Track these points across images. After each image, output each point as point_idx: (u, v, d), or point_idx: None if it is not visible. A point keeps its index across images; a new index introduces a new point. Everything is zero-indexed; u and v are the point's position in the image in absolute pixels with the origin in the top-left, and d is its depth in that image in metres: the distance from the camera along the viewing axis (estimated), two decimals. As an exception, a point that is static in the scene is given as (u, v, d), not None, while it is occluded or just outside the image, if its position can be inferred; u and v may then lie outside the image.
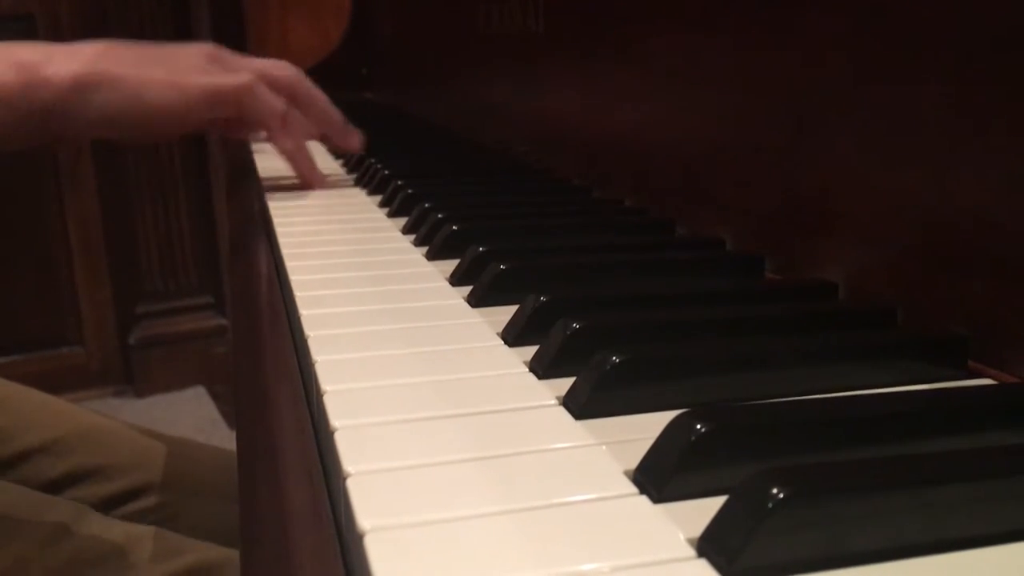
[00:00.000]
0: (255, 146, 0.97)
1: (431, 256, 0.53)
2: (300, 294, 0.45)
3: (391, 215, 0.66)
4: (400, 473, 0.27)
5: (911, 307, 0.39)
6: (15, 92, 0.61)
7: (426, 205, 0.60)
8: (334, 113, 0.79)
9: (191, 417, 2.08)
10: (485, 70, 0.97)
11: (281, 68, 0.75)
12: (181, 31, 2.12)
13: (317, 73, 0.82)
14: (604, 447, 0.28)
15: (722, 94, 0.53)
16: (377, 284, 0.47)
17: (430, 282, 0.48)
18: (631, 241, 0.56)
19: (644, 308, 0.41)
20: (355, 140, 0.81)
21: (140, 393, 2.19)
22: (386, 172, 0.74)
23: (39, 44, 0.64)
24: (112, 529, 0.66)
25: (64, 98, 0.62)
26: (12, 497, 0.65)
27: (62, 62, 0.62)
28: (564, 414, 0.31)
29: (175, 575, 0.64)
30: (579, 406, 0.31)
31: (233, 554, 0.68)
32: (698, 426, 0.26)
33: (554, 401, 0.32)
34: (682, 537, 0.23)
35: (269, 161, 0.87)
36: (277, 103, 0.72)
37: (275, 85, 0.72)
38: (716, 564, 0.22)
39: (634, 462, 0.27)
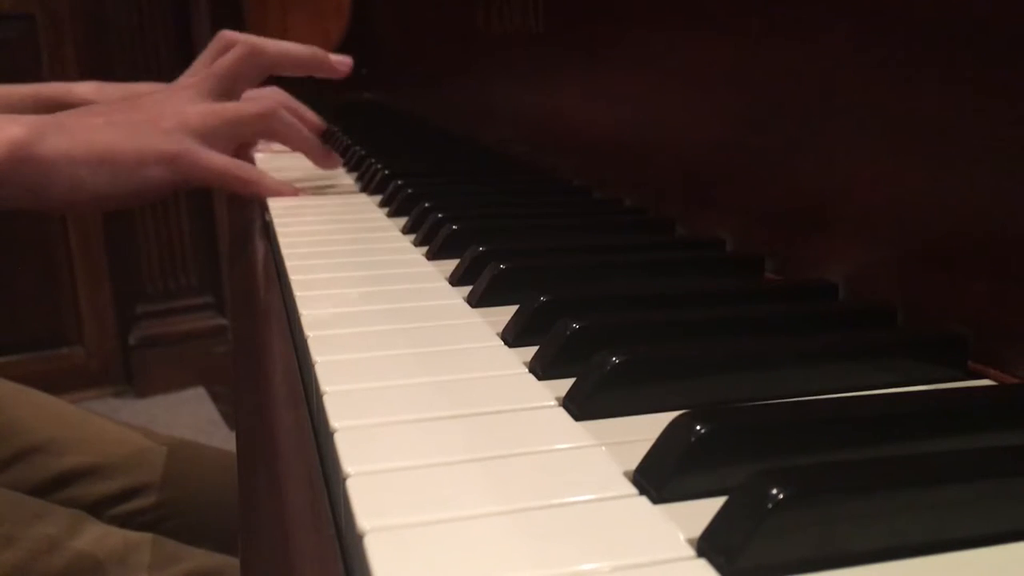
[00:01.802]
0: (255, 147, 0.97)
1: (431, 256, 0.53)
2: (300, 294, 0.45)
3: (391, 215, 0.66)
4: (400, 473, 0.27)
5: (911, 307, 0.39)
6: (3, 169, 0.59)
7: (426, 205, 0.60)
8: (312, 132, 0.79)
9: (191, 417, 2.08)
10: (485, 70, 0.97)
11: (265, 101, 0.74)
12: (181, 31, 2.12)
13: (317, 73, 0.82)
14: (604, 448, 0.28)
15: (722, 94, 0.53)
16: (377, 284, 0.47)
17: (430, 282, 0.48)
18: (631, 241, 0.56)
19: (644, 308, 0.41)
20: (333, 161, 0.80)
21: (140, 393, 2.19)
22: (386, 172, 0.74)
23: (24, 119, 0.61)
24: (110, 536, 0.66)
25: (49, 175, 0.60)
26: (9, 504, 0.65)
27: (54, 141, 0.60)
28: (564, 415, 0.31)
29: None
30: (579, 407, 0.31)
31: (231, 561, 0.68)
32: (698, 427, 0.26)
33: (554, 402, 0.32)
34: (682, 537, 0.23)
35: (269, 161, 0.87)
36: (255, 174, 0.70)
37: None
38: (716, 564, 0.22)
39: (634, 463, 0.27)
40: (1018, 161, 0.34)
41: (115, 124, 0.64)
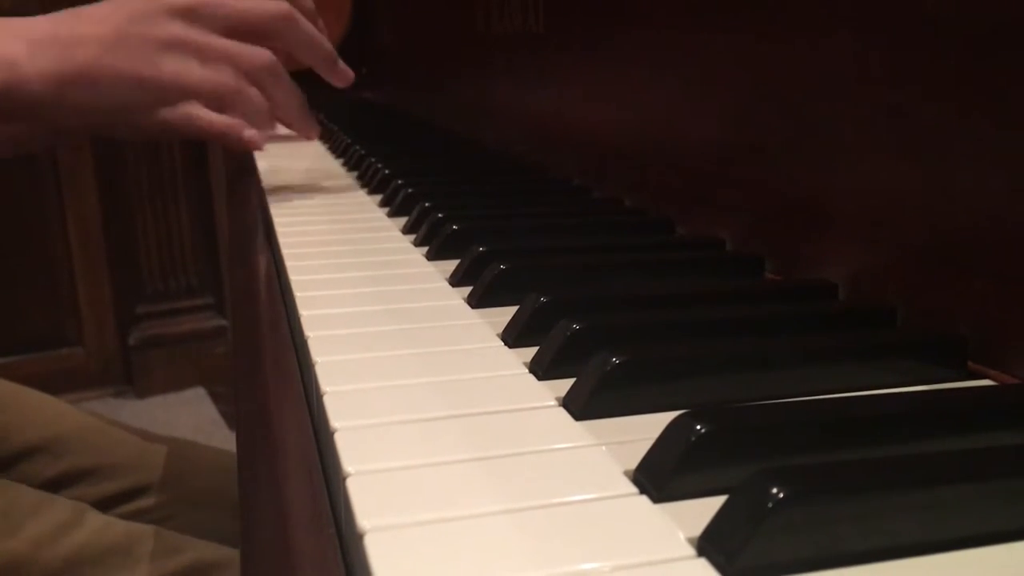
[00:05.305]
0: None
1: (431, 256, 0.53)
2: (300, 294, 0.45)
3: (391, 215, 0.66)
4: (400, 473, 0.27)
5: (911, 307, 0.39)
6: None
7: (426, 205, 0.60)
8: (323, 45, 0.75)
9: (191, 418, 2.08)
10: (485, 70, 0.97)
11: (259, 15, 0.69)
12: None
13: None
14: (604, 447, 0.28)
15: (722, 94, 0.53)
16: (377, 284, 0.47)
17: (430, 282, 0.48)
18: (631, 241, 0.56)
19: (644, 308, 0.41)
20: (346, 76, 0.77)
21: (140, 394, 2.19)
22: (386, 172, 0.74)
23: (21, 30, 0.60)
24: (112, 527, 0.66)
25: (42, 98, 0.60)
26: (11, 495, 0.65)
27: (45, 60, 0.59)
28: (564, 415, 0.31)
29: (175, 574, 0.64)
30: (579, 407, 0.31)
31: (233, 553, 0.68)
32: (698, 426, 0.26)
33: (554, 402, 0.32)
34: (682, 537, 0.23)
35: (269, 161, 0.87)
36: (259, 99, 0.69)
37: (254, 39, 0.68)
38: (716, 564, 0.22)
39: (634, 462, 0.27)
40: (1018, 161, 0.34)
41: (104, 39, 0.62)
